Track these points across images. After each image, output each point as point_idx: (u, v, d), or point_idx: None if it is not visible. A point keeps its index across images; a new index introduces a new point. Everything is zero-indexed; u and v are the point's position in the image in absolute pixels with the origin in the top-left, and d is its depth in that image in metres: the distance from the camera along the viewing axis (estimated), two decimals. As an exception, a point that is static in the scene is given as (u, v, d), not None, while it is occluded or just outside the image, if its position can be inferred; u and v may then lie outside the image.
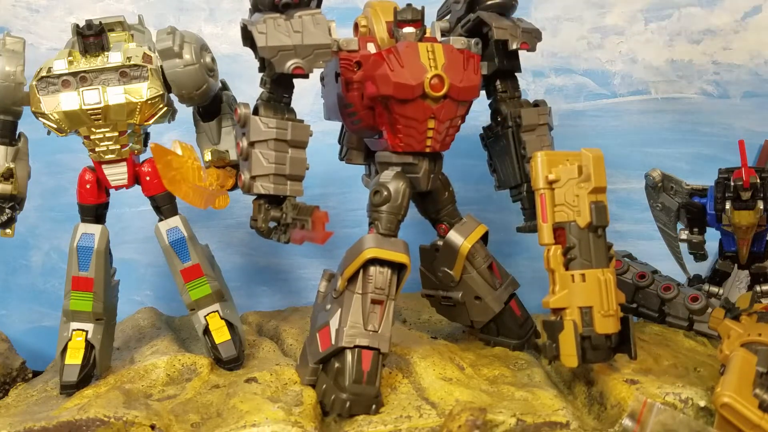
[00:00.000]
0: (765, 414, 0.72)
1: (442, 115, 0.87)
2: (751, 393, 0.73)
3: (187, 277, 0.94)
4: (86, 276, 0.91)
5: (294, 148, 0.88)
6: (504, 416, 0.78)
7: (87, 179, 0.93)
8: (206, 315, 0.96)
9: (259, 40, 0.84)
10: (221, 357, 0.95)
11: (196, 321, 0.96)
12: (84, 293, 0.91)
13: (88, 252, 0.91)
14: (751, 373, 0.75)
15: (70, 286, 0.91)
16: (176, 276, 0.94)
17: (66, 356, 0.91)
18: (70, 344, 0.92)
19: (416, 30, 0.89)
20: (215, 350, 0.95)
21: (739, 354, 0.78)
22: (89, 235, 0.91)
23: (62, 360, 0.92)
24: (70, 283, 0.91)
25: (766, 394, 0.74)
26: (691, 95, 1.38)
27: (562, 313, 0.85)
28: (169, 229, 0.94)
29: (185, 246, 0.94)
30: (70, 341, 0.92)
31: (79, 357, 0.91)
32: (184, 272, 0.94)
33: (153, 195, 0.95)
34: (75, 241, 0.91)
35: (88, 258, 0.91)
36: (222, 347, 0.95)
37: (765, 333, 0.82)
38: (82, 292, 0.91)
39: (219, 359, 0.95)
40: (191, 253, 0.94)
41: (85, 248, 0.91)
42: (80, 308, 0.91)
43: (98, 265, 0.91)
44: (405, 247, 0.87)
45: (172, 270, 0.95)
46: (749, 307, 0.90)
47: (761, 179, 0.97)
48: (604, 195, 0.86)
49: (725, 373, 0.76)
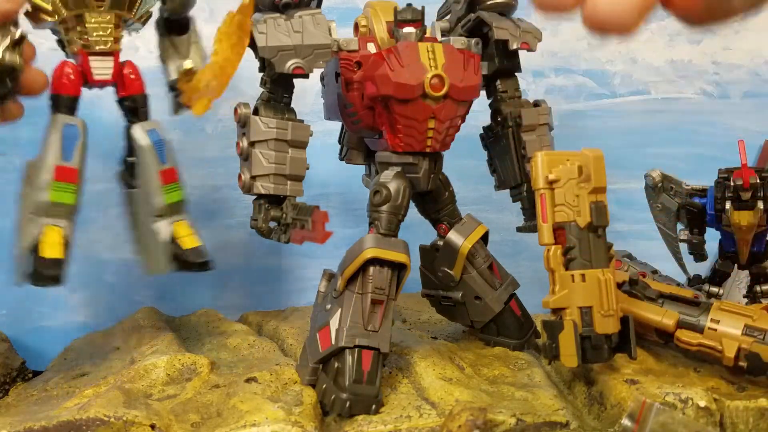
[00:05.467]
0: None
1: (443, 115, 0.87)
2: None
3: (164, 179, 0.91)
4: (71, 166, 0.86)
5: (294, 148, 0.88)
6: (504, 416, 0.78)
7: (68, 70, 0.90)
8: (173, 222, 0.92)
9: (259, 40, 0.84)
10: (190, 260, 0.92)
11: (158, 230, 0.92)
12: (68, 185, 0.86)
13: (73, 141, 0.87)
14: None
15: (52, 176, 0.85)
16: (152, 177, 0.90)
17: (43, 250, 0.85)
18: (46, 239, 0.85)
19: (416, 30, 0.89)
20: (183, 256, 0.92)
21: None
22: (72, 126, 0.88)
23: (34, 255, 0.86)
24: (49, 172, 0.85)
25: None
26: (691, 95, 1.38)
27: (562, 313, 0.85)
28: (150, 130, 0.92)
29: (164, 148, 0.92)
30: (44, 236, 0.85)
31: (62, 251, 0.86)
32: (162, 173, 0.90)
33: (133, 95, 0.94)
34: (57, 130, 0.86)
35: (72, 148, 0.86)
36: (192, 252, 0.92)
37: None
38: (65, 183, 0.86)
39: (185, 264, 0.92)
40: (168, 157, 0.92)
41: (70, 137, 0.86)
42: (62, 200, 0.86)
43: (81, 158, 0.87)
44: (405, 247, 0.87)
45: (147, 172, 0.90)
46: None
47: (761, 179, 0.97)
48: (604, 195, 0.86)
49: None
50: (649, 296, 0.93)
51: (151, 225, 0.92)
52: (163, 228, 0.92)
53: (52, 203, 0.85)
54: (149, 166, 0.90)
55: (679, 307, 0.91)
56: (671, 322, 0.90)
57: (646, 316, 0.92)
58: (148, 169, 0.90)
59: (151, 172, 0.90)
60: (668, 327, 0.90)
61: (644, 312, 0.92)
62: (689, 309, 0.91)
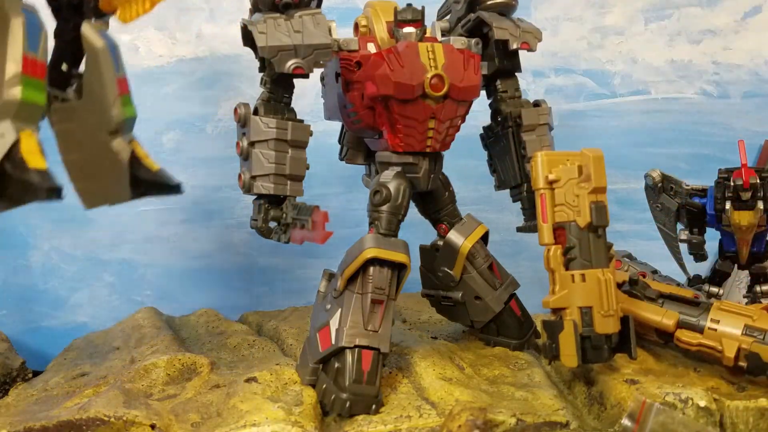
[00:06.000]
0: None
1: (443, 115, 0.87)
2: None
3: (121, 89, 0.76)
4: (37, 59, 0.71)
5: (294, 148, 0.88)
6: (504, 416, 0.78)
7: None
8: (130, 141, 0.77)
9: (260, 40, 0.84)
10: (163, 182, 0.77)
11: (117, 147, 0.76)
12: (36, 80, 0.70)
13: (36, 31, 0.71)
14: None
15: (19, 68, 0.69)
16: (108, 86, 0.75)
17: (28, 160, 0.69)
18: (25, 147, 0.69)
19: (416, 30, 0.89)
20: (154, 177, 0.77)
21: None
22: (32, 14, 0.72)
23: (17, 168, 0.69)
24: (16, 63, 0.68)
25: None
26: (691, 95, 1.39)
27: (562, 313, 0.85)
28: (101, 32, 0.77)
29: (118, 55, 0.77)
30: (21, 142, 0.68)
31: (43, 161, 0.70)
32: (120, 82, 0.76)
33: None
34: (17, 13, 0.70)
35: (37, 38, 0.72)
36: (163, 174, 0.77)
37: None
38: (34, 78, 0.70)
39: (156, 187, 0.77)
40: (121, 65, 0.77)
41: (33, 25, 0.71)
42: (33, 99, 0.70)
43: (44, 52, 0.73)
44: (405, 247, 0.87)
45: (101, 79, 0.75)
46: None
47: (761, 179, 0.97)
48: (604, 195, 0.86)
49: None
50: (649, 296, 0.93)
51: (106, 144, 0.76)
52: (122, 147, 0.76)
53: (23, 102, 0.69)
54: (105, 73, 0.75)
55: (679, 307, 0.91)
56: (671, 322, 0.90)
57: (646, 316, 0.92)
58: (103, 76, 0.75)
59: (106, 80, 0.75)
60: (668, 327, 0.90)
61: (644, 312, 0.92)
62: (689, 309, 0.91)
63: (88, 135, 0.78)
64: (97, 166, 0.78)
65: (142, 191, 0.77)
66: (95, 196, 0.80)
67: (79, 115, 0.78)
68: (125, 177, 0.77)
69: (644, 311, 0.92)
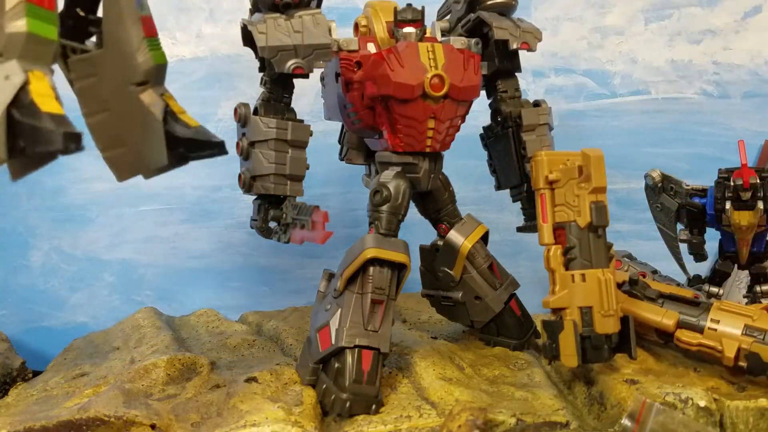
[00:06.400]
0: None
1: (443, 115, 0.87)
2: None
3: (147, 30, 0.64)
4: None
5: (294, 148, 0.88)
6: (504, 416, 0.78)
7: None
8: (163, 94, 0.65)
9: (260, 40, 0.84)
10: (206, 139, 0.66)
11: (148, 101, 0.64)
12: (45, 10, 0.58)
13: None
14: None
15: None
16: (131, 28, 0.63)
17: (40, 103, 0.56)
18: (36, 89, 0.56)
19: (416, 30, 0.89)
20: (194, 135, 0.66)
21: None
22: None
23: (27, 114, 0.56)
24: None
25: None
26: (691, 95, 1.39)
27: (562, 313, 0.85)
28: None
29: None
30: (30, 85, 0.56)
31: (58, 106, 0.57)
32: (145, 20, 0.64)
33: None
34: None
35: None
36: (203, 131, 0.67)
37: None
38: (43, 8, 0.58)
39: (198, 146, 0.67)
40: (145, 2, 0.65)
41: None
42: (42, 33, 0.58)
43: None
44: (405, 247, 0.87)
45: (119, 22, 0.64)
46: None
47: (761, 179, 0.97)
48: (604, 195, 0.86)
49: None
50: (649, 296, 0.93)
51: (135, 98, 0.64)
52: (153, 100, 0.64)
53: (30, 36, 0.57)
54: (126, 11, 0.63)
55: (679, 307, 0.91)
56: (671, 322, 0.90)
57: (646, 316, 0.92)
58: (124, 15, 0.63)
59: (127, 20, 0.63)
60: (668, 327, 0.90)
61: (644, 312, 0.92)
62: (689, 309, 0.91)
63: (113, 90, 0.65)
64: (126, 126, 0.66)
65: (181, 153, 0.66)
66: (128, 165, 0.67)
67: (101, 67, 0.66)
68: (160, 136, 0.64)
69: (644, 311, 0.92)
